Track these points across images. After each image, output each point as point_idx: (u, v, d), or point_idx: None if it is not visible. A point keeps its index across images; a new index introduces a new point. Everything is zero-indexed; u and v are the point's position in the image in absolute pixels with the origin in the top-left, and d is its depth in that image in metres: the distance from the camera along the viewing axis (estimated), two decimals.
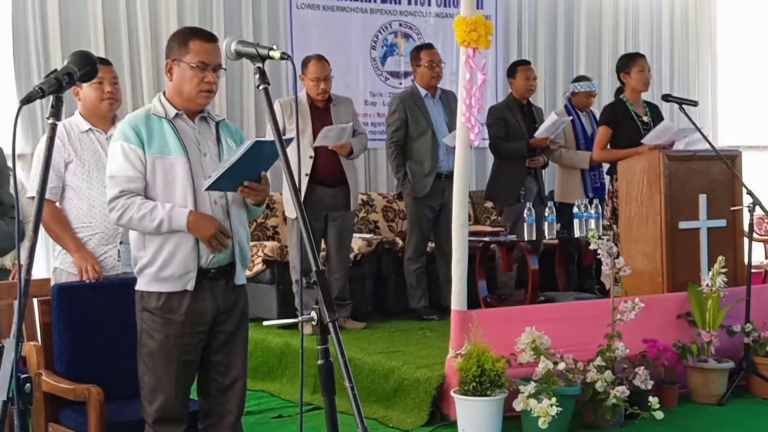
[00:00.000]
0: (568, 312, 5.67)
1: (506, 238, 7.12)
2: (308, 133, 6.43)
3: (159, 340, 3.58)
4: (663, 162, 6.03)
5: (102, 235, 4.37)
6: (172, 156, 3.55)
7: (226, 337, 3.69)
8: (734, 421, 5.24)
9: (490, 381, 4.79)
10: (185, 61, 3.56)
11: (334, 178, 6.53)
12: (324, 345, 2.19)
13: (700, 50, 10.43)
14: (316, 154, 6.46)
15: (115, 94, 4.46)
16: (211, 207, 3.58)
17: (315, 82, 6.45)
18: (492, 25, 5.26)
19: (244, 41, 2.52)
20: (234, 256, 3.64)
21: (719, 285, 5.62)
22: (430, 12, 8.90)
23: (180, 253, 3.55)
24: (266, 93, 2.35)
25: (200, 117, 3.68)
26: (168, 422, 3.62)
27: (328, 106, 6.58)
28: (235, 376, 3.72)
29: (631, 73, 6.78)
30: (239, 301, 3.72)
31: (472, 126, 5.08)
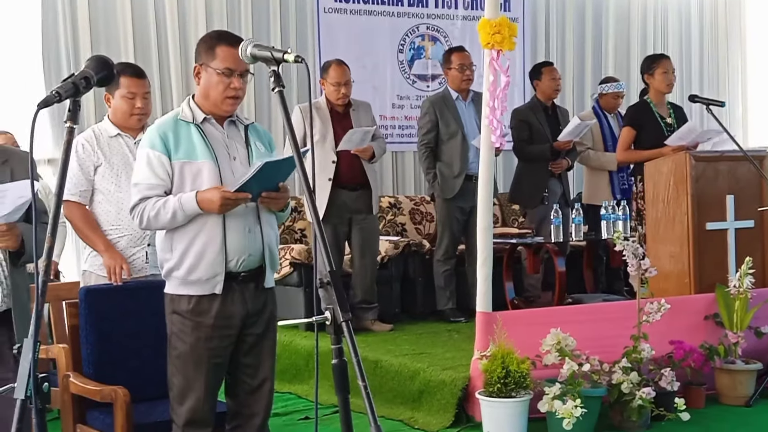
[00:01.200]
0: (593, 313, 5.66)
1: (533, 240, 7.12)
2: (330, 138, 6.49)
3: (189, 343, 3.61)
4: (690, 163, 6.01)
5: (130, 237, 4.43)
6: (199, 161, 3.58)
7: (254, 340, 3.72)
8: (762, 423, 5.20)
9: (514, 382, 4.79)
10: (212, 67, 3.60)
11: (356, 182, 6.58)
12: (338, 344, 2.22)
13: (730, 50, 10.37)
14: (339, 159, 6.50)
15: (145, 109, 4.51)
16: (242, 211, 3.61)
17: (336, 87, 6.51)
18: (516, 27, 5.27)
19: (259, 44, 2.55)
20: (264, 260, 3.67)
21: (747, 286, 5.58)
22: (457, 15, 8.91)
23: (207, 256, 3.57)
24: (281, 96, 2.38)
25: (229, 121, 3.71)
26: (197, 424, 3.65)
27: (348, 111, 6.63)
28: (263, 378, 3.75)
29: (654, 75, 6.76)
30: (268, 304, 3.75)
31: (495, 128, 5.09)
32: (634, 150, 6.74)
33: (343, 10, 8.42)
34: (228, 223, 3.57)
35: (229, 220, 3.58)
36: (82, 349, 4.09)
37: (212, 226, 3.57)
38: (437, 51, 8.79)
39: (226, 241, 3.57)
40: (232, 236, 3.58)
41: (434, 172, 7.14)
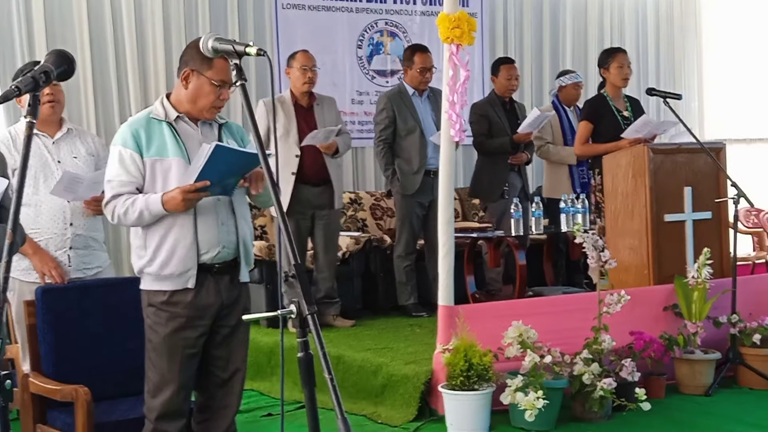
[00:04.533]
0: (554, 306, 5.70)
1: (493, 233, 7.15)
2: (293, 132, 6.48)
3: (163, 334, 3.63)
4: (648, 155, 6.07)
5: (51, 241, 4.37)
6: (169, 158, 3.60)
7: (227, 332, 3.74)
8: (721, 412, 5.27)
9: (477, 375, 4.82)
10: (206, 76, 3.61)
11: (319, 177, 6.57)
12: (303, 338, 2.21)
13: (686, 43, 10.46)
14: (302, 154, 6.49)
15: (55, 96, 4.42)
16: (214, 204, 3.61)
17: (302, 71, 6.51)
18: (475, 22, 5.29)
19: (221, 38, 2.54)
20: (238, 253, 3.68)
21: (705, 277, 5.65)
22: (415, 10, 8.91)
23: (179, 251, 3.59)
24: (243, 89, 2.37)
25: (203, 120, 3.71)
26: (171, 416, 3.66)
27: (312, 105, 6.62)
28: (235, 369, 3.78)
29: (610, 69, 6.81)
30: (242, 298, 3.78)
31: (455, 122, 5.11)
32: (592, 144, 6.79)
33: (301, 6, 8.39)
34: (200, 217, 3.60)
35: (201, 213, 3.60)
36: (41, 348, 4.05)
37: (184, 221, 3.59)
38: (396, 46, 8.80)
39: (197, 235, 3.59)
40: (204, 229, 3.61)
41: (393, 168, 7.14)
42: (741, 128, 10.54)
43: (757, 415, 5.20)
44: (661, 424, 5.02)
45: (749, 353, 5.75)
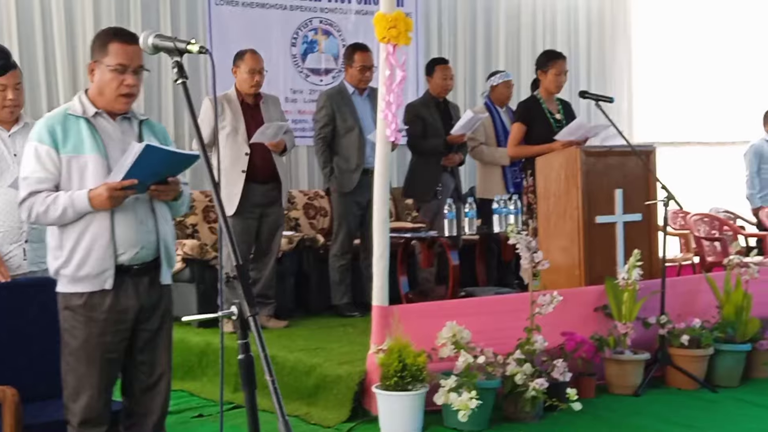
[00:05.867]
0: (487, 306, 5.72)
1: (426, 234, 7.17)
2: (242, 130, 6.47)
3: (81, 339, 3.54)
4: (580, 158, 6.13)
5: (5, 234, 4.28)
6: (86, 155, 3.52)
7: (149, 336, 3.67)
8: (650, 411, 5.35)
9: (411, 376, 4.82)
10: (105, 64, 3.54)
11: (268, 175, 6.56)
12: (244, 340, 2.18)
13: (616, 47, 10.61)
14: (252, 152, 6.45)
15: (16, 100, 4.34)
16: (132, 203, 3.53)
17: (250, 74, 6.49)
18: (412, 22, 5.29)
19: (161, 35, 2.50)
20: (158, 253, 3.61)
21: (635, 278, 5.72)
22: (350, 9, 8.90)
23: (95, 251, 3.51)
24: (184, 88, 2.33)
25: (123, 116, 3.64)
26: (93, 422, 3.58)
27: (258, 103, 6.60)
28: (159, 374, 3.71)
29: (548, 74, 6.86)
30: (163, 300, 3.70)
31: (390, 122, 5.11)
32: (525, 146, 6.84)
33: (235, 3, 8.32)
34: (117, 216, 3.52)
35: (119, 212, 3.52)
36: None
37: (101, 220, 3.51)
38: (330, 45, 8.78)
39: (115, 235, 3.52)
40: (121, 229, 3.53)
41: (331, 166, 7.14)
42: (670, 131, 10.72)
43: (684, 415, 5.29)
44: (590, 424, 5.08)
45: (677, 354, 5.84)
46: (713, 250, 8.92)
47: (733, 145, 11.04)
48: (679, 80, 10.83)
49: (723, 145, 11.15)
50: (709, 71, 11.02)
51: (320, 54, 8.79)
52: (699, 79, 10.97)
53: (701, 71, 10.99)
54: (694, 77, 10.93)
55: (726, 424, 5.12)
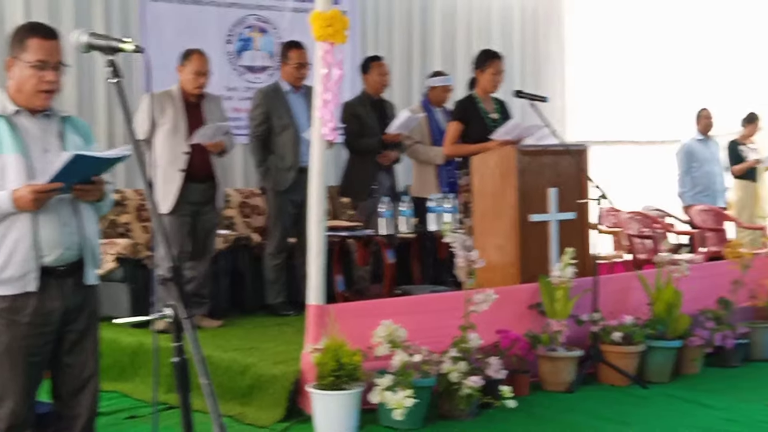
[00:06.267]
0: (423, 305, 5.75)
1: (362, 232, 7.17)
2: (182, 128, 6.41)
3: (4, 344, 3.46)
4: (515, 157, 6.18)
5: None
6: (5, 154, 3.43)
7: (76, 337, 3.60)
8: (582, 408, 5.41)
9: (346, 375, 4.82)
10: (23, 60, 3.46)
11: (205, 175, 6.52)
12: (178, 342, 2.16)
13: (550, 48, 10.70)
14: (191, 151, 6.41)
15: None
16: (55, 204, 3.46)
17: (195, 75, 6.47)
18: (348, 21, 5.28)
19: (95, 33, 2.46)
20: (83, 254, 3.55)
21: (568, 276, 5.79)
22: (286, 7, 8.85)
23: (18, 253, 3.43)
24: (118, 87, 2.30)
25: (44, 114, 3.56)
26: (18, 428, 3.50)
27: (200, 102, 6.56)
28: (87, 377, 3.64)
29: (485, 73, 6.91)
30: (89, 300, 3.63)
31: (328, 121, 5.10)
32: (461, 144, 6.88)
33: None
34: (40, 217, 3.44)
35: (42, 214, 3.44)
36: None
37: (23, 221, 3.43)
38: (266, 42, 8.72)
39: (38, 236, 3.44)
40: (45, 230, 3.45)
41: (266, 164, 7.11)
42: (603, 130, 10.85)
43: (616, 411, 5.36)
44: (524, 422, 5.12)
45: (609, 350, 5.92)
46: (645, 248, 9.05)
47: (664, 144, 11.22)
48: (611, 80, 10.97)
49: (655, 144, 11.33)
50: (641, 71, 11.18)
51: (256, 51, 8.73)
52: (631, 79, 11.13)
53: (633, 71, 11.14)
54: (626, 77, 11.08)
55: (657, 420, 5.20)
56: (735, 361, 6.43)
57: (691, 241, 9.40)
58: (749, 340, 6.53)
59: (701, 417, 5.24)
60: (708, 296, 6.53)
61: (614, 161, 10.84)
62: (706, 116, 10.16)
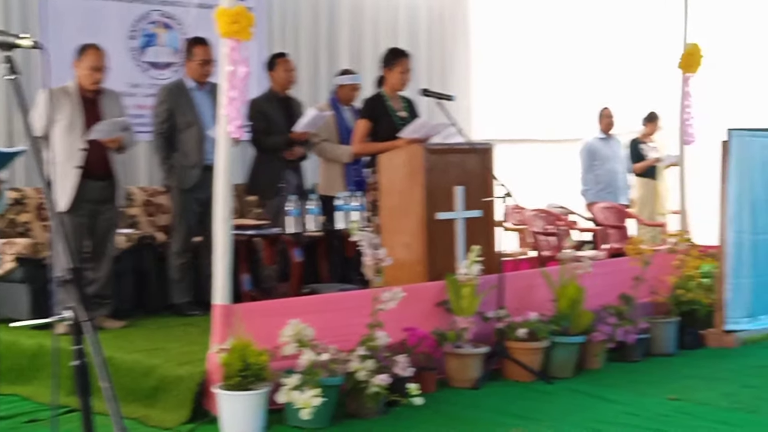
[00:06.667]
0: (331, 303, 5.73)
1: (269, 231, 7.12)
2: (78, 124, 6.29)
3: None
4: (423, 155, 6.21)
5: None
6: None
7: None
8: (488, 404, 5.46)
9: (253, 375, 4.78)
10: None
11: (103, 172, 6.40)
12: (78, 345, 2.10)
13: (456, 47, 10.77)
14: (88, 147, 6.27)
15: None
16: None
17: (91, 71, 6.34)
18: (254, 17, 5.23)
19: None
20: None
21: (475, 273, 5.84)
22: (191, 2, 8.73)
23: None
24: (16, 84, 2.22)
25: None
26: None
27: (98, 98, 6.44)
28: None
29: (393, 71, 6.94)
30: None
31: (234, 119, 5.05)
32: (369, 143, 6.89)
33: None
34: None
35: None
36: None
37: None
38: (171, 38, 8.60)
39: None
40: None
41: (170, 162, 7.02)
42: (507, 129, 10.97)
43: (521, 406, 5.42)
44: (431, 418, 5.14)
45: (515, 347, 5.99)
46: (549, 245, 9.20)
47: (567, 143, 11.41)
48: (516, 79, 11.11)
49: (558, 143, 11.51)
50: (545, 70, 11.35)
51: (160, 47, 8.60)
52: (535, 78, 11.29)
53: (537, 70, 11.31)
54: (530, 76, 11.24)
55: (561, 414, 5.27)
56: (636, 355, 6.56)
57: (593, 238, 9.58)
58: (650, 335, 6.67)
59: (604, 411, 5.33)
60: (610, 292, 6.66)
61: (519, 159, 10.99)
62: (608, 115, 10.37)
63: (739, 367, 6.42)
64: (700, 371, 6.32)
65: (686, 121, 7.86)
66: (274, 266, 7.46)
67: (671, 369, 6.40)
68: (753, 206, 7.19)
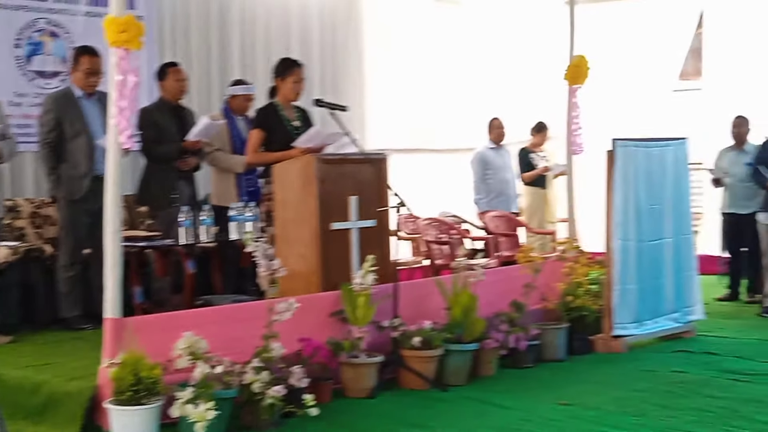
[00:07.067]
0: (225, 315, 5.68)
1: (161, 242, 7.02)
2: None
3: None
4: (316, 165, 6.22)
5: None
6: None
7: None
8: (384, 413, 5.48)
9: (146, 389, 4.70)
10: None
11: None
12: None
13: (348, 57, 10.80)
14: None
15: None
16: None
17: None
18: (144, 26, 5.17)
19: None
20: None
21: (369, 283, 5.86)
22: (79, 11, 8.56)
23: None
24: None
25: None
26: None
27: None
28: None
29: (286, 81, 6.93)
30: None
31: (124, 128, 4.98)
32: (263, 152, 6.87)
33: None
34: None
35: None
36: None
37: None
38: (58, 47, 8.41)
39: None
40: None
41: (58, 172, 6.87)
42: (401, 138, 11.04)
43: (416, 415, 5.45)
44: (326, 429, 5.14)
45: (409, 355, 6.02)
46: (442, 254, 9.29)
47: (459, 152, 11.55)
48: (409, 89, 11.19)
49: (451, 152, 11.64)
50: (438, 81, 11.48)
51: (47, 56, 8.40)
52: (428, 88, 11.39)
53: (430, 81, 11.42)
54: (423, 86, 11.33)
55: (455, 421, 5.32)
56: (528, 361, 6.67)
57: (485, 247, 9.71)
58: (541, 341, 6.79)
59: (497, 417, 5.40)
60: (502, 300, 6.76)
61: (412, 169, 11.07)
62: (498, 125, 10.53)
63: (626, 371, 6.58)
64: (590, 376, 6.47)
65: (574, 131, 8.03)
66: (167, 278, 7.37)
67: (562, 374, 6.52)
68: (638, 214, 7.39)
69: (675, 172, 7.70)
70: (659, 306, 7.58)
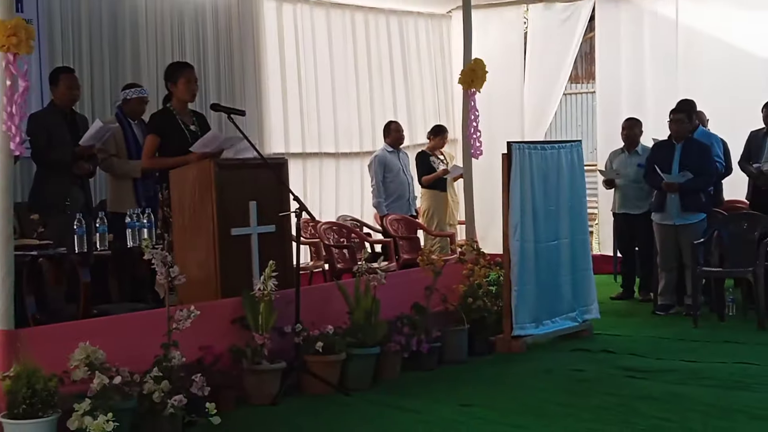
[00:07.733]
0: (122, 324, 5.57)
1: (55, 251, 6.83)
2: None
3: None
4: (214, 170, 6.15)
5: None
6: None
7: None
8: (287, 419, 5.46)
9: (41, 402, 4.59)
10: None
11: None
12: None
13: (245, 61, 10.69)
14: None
15: None
16: None
17: None
18: (34, 30, 5.05)
19: None
20: None
21: (271, 288, 5.81)
22: None
23: None
24: None
25: None
26: None
27: None
28: None
29: (178, 84, 6.81)
30: None
31: (14, 135, 4.85)
32: (159, 158, 6.75)
33: None
34: None
35: None
36: None
37: None
38: None
39: None
40: None
41: None
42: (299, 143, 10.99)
43: (320, 420, 5.45)
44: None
45: (312, 360, 6.00)
46: (342, 258, 9.28)
47: (358, 156, 11.56)
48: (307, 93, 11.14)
49: (349, 156, 11.63)
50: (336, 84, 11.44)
51: None
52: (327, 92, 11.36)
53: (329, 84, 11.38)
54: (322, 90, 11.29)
55: (360, 426, 5.33)
56: (430, 364, 6.71)
57: (386, 250, 9.73)
58: (442, 343, 6.83)
59: (401, 420, 5.43)
60: (404, 303, 6.79)
61: (311, 173, 11.04)
62: (396, 129, 10.56)
63: (526, 371, 6.68)
64: (491, 377, 6.55)
65: (472, 135, 8.10)
66: (61, 288, 7.17)
67: (464, 376, 6.58)
68: (535, 215, 7.50)
69: (570, 174, 7.85)
70: (557, 306, 7.72)
